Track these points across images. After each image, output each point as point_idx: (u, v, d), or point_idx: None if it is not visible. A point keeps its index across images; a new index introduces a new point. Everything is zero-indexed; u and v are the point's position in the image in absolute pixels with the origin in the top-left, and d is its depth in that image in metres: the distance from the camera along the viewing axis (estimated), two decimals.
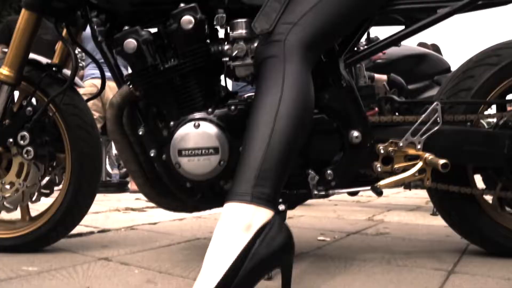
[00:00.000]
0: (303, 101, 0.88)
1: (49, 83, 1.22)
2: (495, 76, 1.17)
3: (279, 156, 0.81)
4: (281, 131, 0.81)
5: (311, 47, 0.95)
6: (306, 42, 0.93)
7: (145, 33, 1.05)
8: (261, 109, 0.84)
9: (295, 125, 0.84)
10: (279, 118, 0.82)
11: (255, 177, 0.77)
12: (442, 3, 1.13)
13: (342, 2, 0.98)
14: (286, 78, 0.87)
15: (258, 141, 0.80)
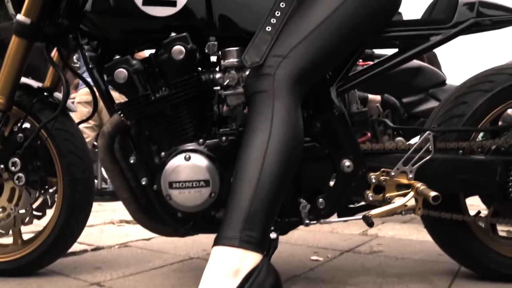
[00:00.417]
0: (292, 139, 0.88)
1: (40, 108, 1.22)
2: (487, 102, 1.17)
3: (268, 197, 0.81)
4: (270, 172, 0.81)
5: (300, 81, 0.95)
6: (296, 76, 0.93)
7: (136, 62, 1.05)
8: (250, 148, 0.84)
9: (284, 164, 0.84)
10: (267, 157, 0.82)
11: (243, 221, 0.77)
12: (435, 31, 1.13)
13: (332, 34, 0.98)
14: (275, 116, 0.87)
15: (247, 182, 0.80)
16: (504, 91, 1.17)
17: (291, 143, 0.88)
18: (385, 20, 1.09)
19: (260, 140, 0.84)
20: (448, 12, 1.15)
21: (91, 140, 3.21)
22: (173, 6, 1.04)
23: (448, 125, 1.18)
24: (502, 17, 1.16)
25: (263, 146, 0.83)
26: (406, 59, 1.12)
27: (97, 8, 1.06)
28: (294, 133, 0.89)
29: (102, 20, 1.08)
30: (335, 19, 0.98)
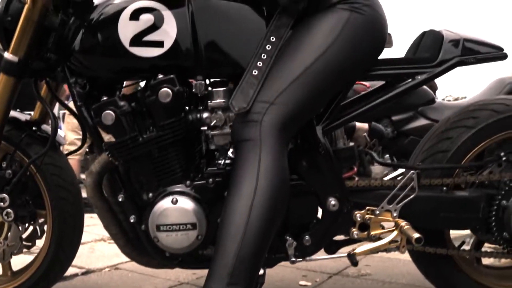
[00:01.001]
0: (278, 189, 0.90)
1: (29, 143, 1.22)
2: (471, 138, 1.19)
3: (254, 249, 0.82)
4: (255, 226, 0.83)
5: (287, 127, 0.96)
6: (282, 122, 0.95)
7: (124, 103, 1.05)
8: (236, 201, 0.86)
9: (270, 215, 0.86)
10: (253, 211, 0.84)
11: (229, 274, 0.79)
12: (420, 69, 1.14)
13: (319, 79, 0.99)
14: (261, 167, 0.88)
15: (232, 236, 0.82)
16: (487, 127, 1.19)
17: (277, 194, 0.90)
18: (371, 60, 1.10)
19: (246, 192, 0.86)
20: (433, 50, 1.17)
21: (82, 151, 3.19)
22: (160, 47, 1.05)
23: (433, 160, 1.20)
24: (486, 55, 1.18)
25: (249, 199, 0.85)
26: (390, 99, 1.14)
27: (85, 48, 1.07)
28: (280, 183, 0.91)
29: (90, 60, 1.08)
30: (321, 63, 0.99)
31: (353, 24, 1.00)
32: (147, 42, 1.05)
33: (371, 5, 1.04)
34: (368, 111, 1.14)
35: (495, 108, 1.19)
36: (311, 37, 1.01)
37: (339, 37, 0.99)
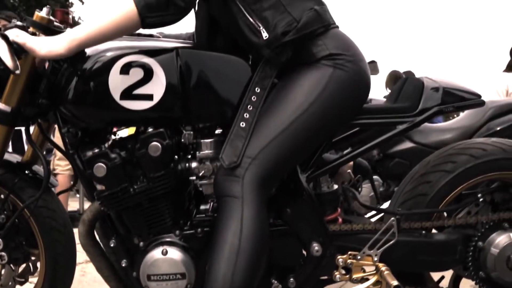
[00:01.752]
0: (260, 241, 0.96)
1: (22, 187, 1.25)
2: (450, 183, 1.24)
3: None
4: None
5: (268, 182, 1.01)
6: (263, 178, 1.00)
7: (115, 156, 1.08)
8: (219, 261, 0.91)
9: (251, 277, 0.90)
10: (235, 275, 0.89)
11: None
12: (401, 119, 1.19)
13: (301, 135, 1.03)
14: (244, 222, 0.94)
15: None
16: (465, 172, 1.24)
17: (259, 246, 0.95)
18: (354, 113, 1.14)
19: (229, 253, 0.91)
20: (414, 98, 1.21)
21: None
22: (149, 100, 1.08)
23: (413, 203, 1.25)
24: (464, 103, 1.24)
25: (232, 260, 0.90)
26: (371, 148, 1.19)
27: (76, 100, 1.09)
28: (262, 235, 0.97)
29: (81, 111, 1.11)
30: (303, 121, 1.03)
31: (336, 81, 1.04)
32: (137, 96, 1.08)
33: (354, 60, 1.08)
34: (351, 159, 1.19)
35: (473, 153, 1.25)
36: (294, 93, 1.04)
37: (322, 94, 1.03)
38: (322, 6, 1.10)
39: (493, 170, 1.24)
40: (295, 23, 1.04)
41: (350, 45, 1.11)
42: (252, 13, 1.07)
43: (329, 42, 1.07)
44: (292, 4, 1.07)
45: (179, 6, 1.00)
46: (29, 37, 0.98)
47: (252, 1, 1.07)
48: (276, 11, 1.06)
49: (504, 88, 3.32)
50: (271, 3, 1.07)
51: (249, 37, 1.08)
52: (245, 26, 1.08)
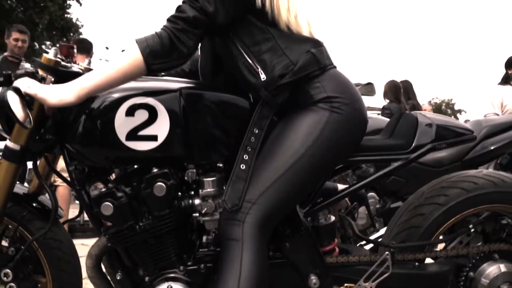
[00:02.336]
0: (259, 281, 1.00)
1: (30, 219, 1.29)
2: (442, 215, 1.29)
3: None
4: None
5: (267, 225, 1.06)
6: (263, 222, 1.04)
7: (121, 194, 1.13)
8: None
9: None
10: None
11: None
12: (396, 156, 1.24)
13: (299, 178, 1.08)
14: (243, 265, 0.99)
15: None
16: (457, 205, 1.29)
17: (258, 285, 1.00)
18: (351, 152, 1.19)
19: None
20: (408, 135, 1.26)
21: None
22: (154, 141, 1.13)
23: (407, 234, 1.30)
24: (456, 139, 1.28)
25: None
26: (366, 184, 1.24)
27: (83, 140, 1.14)
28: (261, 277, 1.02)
29: (88, 151, 1.15)
30: (301, 165, 1.07)
31: (332, 125, 1.09)
32: (142, 137, 1.12)
33: (350, 103, 1.12)
34: (347, 195, 1.24)
35: (465, 186, 1.30)
36: (292, 137, 1.08)
37: (319, 139, 1.07)
38: (319, 48, 1.14)
39: (484, 203, 1.29)
40: (292, 66, 1.09)
41: (347, 86, 1.15)
42: (251, 55, 1.11)
43: (326, 84, 1.11)
44: (290, 47, 1.11)
45: (182, 52, 1.05)
46: (39, 87, 1.02)
47: (251, 43, 1.12)
48: (274, 54, 1.10)
49: (499, 101, 3.39)
50: (269, 46, 1.11)
51: (248, 78, 1.12)
52: (244, 67, 1.12)
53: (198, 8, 1.04)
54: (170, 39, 1.03)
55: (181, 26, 1.04)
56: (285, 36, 1.11)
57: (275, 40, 1.11)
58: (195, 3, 1.05)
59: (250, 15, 1.11)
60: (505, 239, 1.32)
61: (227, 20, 1.08)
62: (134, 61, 1.03)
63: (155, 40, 1.03)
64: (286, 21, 1.10)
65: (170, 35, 1.03)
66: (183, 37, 1.04)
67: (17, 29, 3.50)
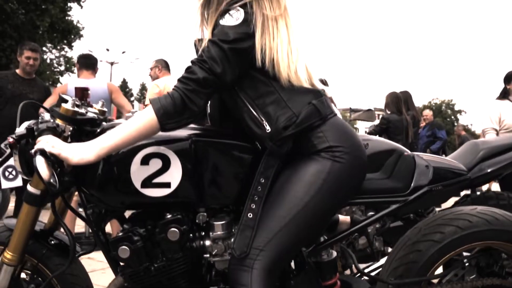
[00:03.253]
0: None
1: (49, 256, 1.37)
2: (438, 252, 1.36)
3: None
4: None
5: (275, 269, 1.13)
6: (271, 267, 1.11)
7: (137, 238, 1.20)
8: None
9: None
10: None
11: None
12: (394, 198, 1.31)
13: (303, 226, 1.15)
14: None
15: None
16: (452, 242, 1.36)
17: None
18: (352, 196, 1.26)
19: None
20: (406, 178, 1.34)
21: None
22: (167, 188, 1.20)
23: (405, 269, 1.37)
24: (452, 181, 1.36)
25: None
26: (366, 226, 1.31)
27: (100, 186, 1.21)
28: None
29: (104, 196, 1.23)
30: (307, 211, 1.14)
31: (334, 174, 1.16)
32: (156, 184, 1.20)
33: (351, 151, 1.19)
34: (347, 236, 1.32)
35: (459, 224, 1.37)
36: (296, 185, 1.15)
37: (322, 188, 1.15)
38: (319, 98, 1.21)
39: (478, 240, 1.36)
40: (295, 118, 1.16)
41: (347, 134, 1.22)
42: (256, 107, 1.19)
43: (328, 133, 1.18)
44: (292, 99, 1.18)
45: (193, 111, 1.12)
46: (62, 147, 1.09)
47: (255, 96, 1.19)
48: (277, 106, 1.18)
49: (497, 116, 3.44)
50: (273, 99, 1.18)
51: (253, 129, 1.19)
52: (249, 119, 1.19)
53: (207, 69, 1.12)
54: (182, 100, 1.10)
55: (191, 87, 1.11)
56: (287, 89, 1.19)
57: (278, 93, 1.18)
58: (204, 64, 1.12)
59: (253, 70, 1.18)
60: (498, 273, 1.40)
61: (234, 79, 1.16)
62: (149, 122, 1.10)
63: (168, 100, 1.10)
64: (287, 77, 1.18)
65: (182, 96, 1.10)
66: (194, 97, 1.11)
67: (29, 47, 3.58)
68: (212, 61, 1.12)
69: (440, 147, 6.10)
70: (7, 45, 11.93)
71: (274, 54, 1.16)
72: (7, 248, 1.30)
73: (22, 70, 3.60)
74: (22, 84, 3.54)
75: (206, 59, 1.13)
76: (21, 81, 3.56)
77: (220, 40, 1.13)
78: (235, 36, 1.14)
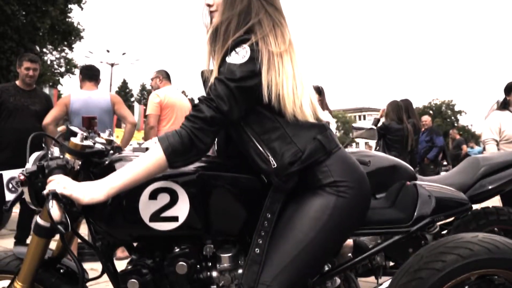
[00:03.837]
0: None
1: (58, 284, 1.39)
2: (440, 280, 1.38)
3: None
4: None
5: None
6: None
7: (146, 271, 1.23)
8: None
9: None
10: None
11: None
12: (397, 229, 1.34)
13: (308, 260, 1.17)
14: None
15: None
16: (454, 270, 1.38)
17: None
18: (356, 228, 1.28)
19: None
20: (409, 208, 1.36)
21: None
22: (175, 221, 1.23)
23: None
24: (453, 211, 1.38)
25: None
26: (369, 256, 1.34)
27: (109, 220, 1.24)
28: None
29: (113, 229, 1.25)
30: (312, 246, 1.17)
31: (339, 210, 1.18)
32: (164, 218, 1.22)
33: (355, 186, 1.21)
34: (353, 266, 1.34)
35: (461, 253, 1.39)
36: (302, 221, 1.17)
37: (327, 223, 1.17)
38: (324, 133, 1.22)
39: (479, 268, 1.39)
40: (300, 153, 1.18)
41: (352, 168, 1.24)
42: (261, 143, 1.20)
43: (333, 168, 1.20)
44: (297, 135, 1.20)
45: (201, 148, 1.14)
46: (73, 188, 1.11)
47: (261, 132, 1.21)
48: (283, 142, 1.19)
49: (497, 126, 3.47)
50: (278, 135, 1.20)
51: (259, 164, 1.21)
52: (255, 154, 1.21)
53: (214, 107, 1.14)
54: (189, 138, 1.12)
55: (199, 125, 1.13)
56: (293, 124, 1.20)
57: (283, 128, 1.20)
58: (211, 102, 1.14)
59: (259, 105, 1.20)
60: None
61: (241, 116, 1.18)
62: (157, 161, 1.12)
63: (176, 138, 1.13)
64: (292, 112, 1.19)
65: (189, 134, 1.13)
66: (201, 135, 1.13)
67: (28, 58, 3.57)
68: (219, 99, 1.14)
69: (436, 155, 6.23)
70: (8, 47, 11.92)
71: (280, 89, 1.18)
72: (17, 278, 1.33)
73: (22, 81, 3.58)
74: (23, 96, 3.54)
75: (213, 98, 1.15)
76: (22, 93, 3.55)
77: (227, 79, 1.15)
78: (242, 74, 1.16)
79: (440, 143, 6.32)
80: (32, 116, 3.47)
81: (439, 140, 6.32)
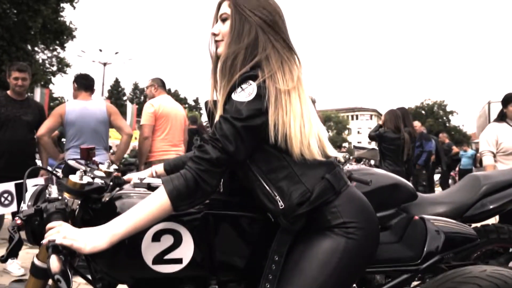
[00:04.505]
0: None
1: None
2: None
3: None
4: None
5: None
6: None
7: None
8: None
9: None
10: None
11: None
12: (406, 267, 1.31)
13: None
14: None
15: None
16: None
17: None
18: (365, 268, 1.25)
19: None
20: (418, 245, 1.33)
21: None
22: (179, 264, 1.18)
23: None
24: (463, 247, 1.36)
25: None
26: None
27: (110, 262, 1.19)
28: None
29: (114, 272, 1.21)
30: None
31: (348, 252, 1.14)
32: (168, 260, 1.18)
33: (365, 227, 1.18)
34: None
35: None
36: (310, 264, 1.13)
37: (336, 267, 1.13)
38: (333, 171, 1.19)
39: None
40: (309, 194, 1.14)
41: (362, 208, 1.20)
42: (268, 182, 1.16)
43: (342, 208, 1.16)
44: (305, 174, 1.16)
45: (206, 190, 1.10)
46: (74, 236, 1.05)
47: (268, 170, 1.16)
48: (290, 181, 1.15)
49: (494, 139, 3.45)
50: (286, 174, 1.16)
51: (266, 204, 1.17)
52: (262, 193, 1.17)
53: (220, 148, 1.09)
54: (194, 180, 1.08)
55: (204, 167, 1.09)
56: (300, 163, 1.16)
57: (291, 167, 1.16)
58: (217, 143, 1.10)
59: (266, 144, 1.16)
60: None
61: (247, 156, 1.14)
62: (162, 205, 1.08)
63: (181, 181, 1.08)
64: (299, 152, 1.15)
65: (194, 176, 1.08)
66: (206, 177, 1.09)
67: (16, 68, 3.45)
68: (225, 139, 1.10)
69: (426, 160, 6.34)
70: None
71: (287, 129, 1.14)
72: None
73: (13, 91, 3.47)
74: (15, 106, 3.44)
75: (219, 138, 1.11)
76: (14, 103, 3.45)
77: (233, 118, 1.11)
78: (248, 113, 1.11)
79: (429, 148, 6.40)
80: (24, 126, 3.39)
81: (428, 145, 6.42)
